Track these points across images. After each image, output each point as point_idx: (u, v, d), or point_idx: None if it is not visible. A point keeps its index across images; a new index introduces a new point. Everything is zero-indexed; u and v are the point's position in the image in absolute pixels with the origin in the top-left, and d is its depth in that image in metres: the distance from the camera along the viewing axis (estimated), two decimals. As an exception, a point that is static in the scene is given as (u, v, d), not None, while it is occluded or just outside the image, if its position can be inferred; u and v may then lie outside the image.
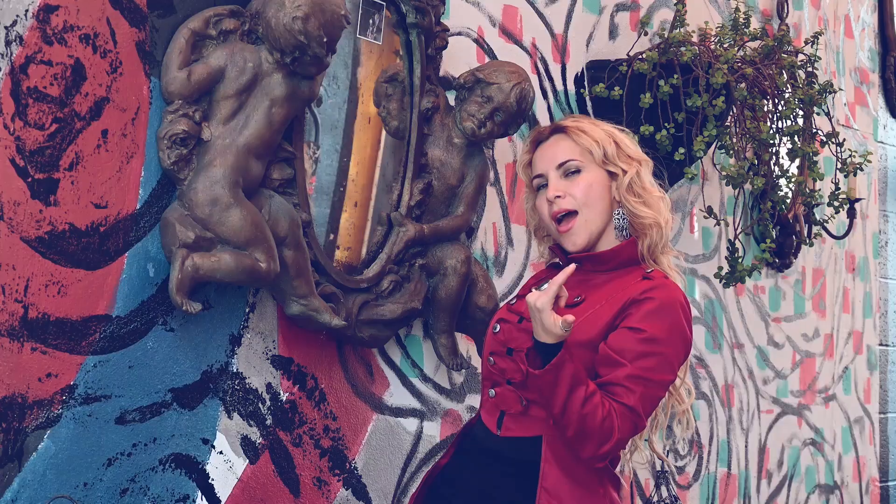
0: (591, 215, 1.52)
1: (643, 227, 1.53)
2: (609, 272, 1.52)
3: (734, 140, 2.37)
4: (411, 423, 2.02)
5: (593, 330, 1.46)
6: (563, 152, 1.55)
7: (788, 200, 2.74)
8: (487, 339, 1.56)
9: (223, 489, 1.72)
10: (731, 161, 2.43)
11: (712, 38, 2.41)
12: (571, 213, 1.53)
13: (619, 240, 1.54)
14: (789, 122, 2.42)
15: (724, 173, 2.40)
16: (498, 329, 1.54)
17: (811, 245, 2.77)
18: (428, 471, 1.62)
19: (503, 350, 1.52)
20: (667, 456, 2.52)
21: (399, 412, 1.99)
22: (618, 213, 1.54)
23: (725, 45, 2.39)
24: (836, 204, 2.49)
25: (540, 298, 1.39)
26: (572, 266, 1.42)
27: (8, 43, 1.48)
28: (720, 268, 2.52)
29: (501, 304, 1.75)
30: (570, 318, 1.38)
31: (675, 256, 1.57)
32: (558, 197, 1.52)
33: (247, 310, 1.76)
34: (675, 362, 1.47)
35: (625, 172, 1.53)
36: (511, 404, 1.50)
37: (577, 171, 1.54)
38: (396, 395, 1.99)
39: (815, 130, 2.49)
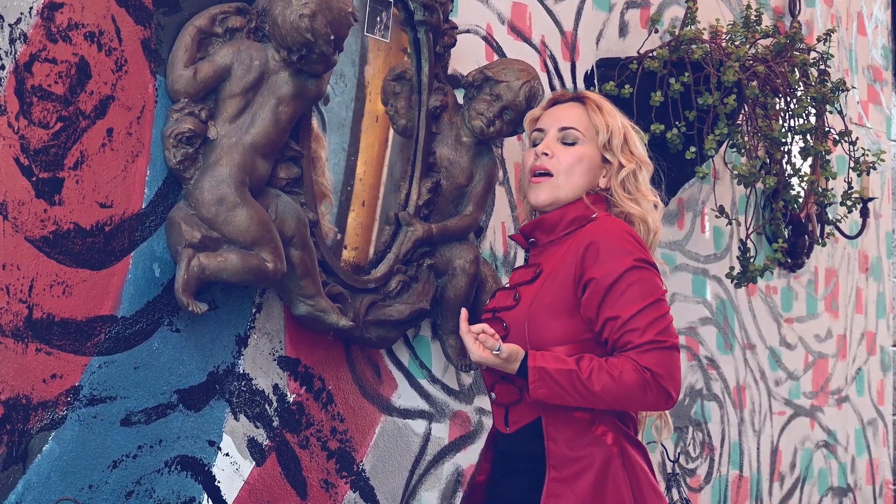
0: (564, 183, 1.52)
1: (629, 220, 1.54)
2: (564, 238, 1.52)
3: (746, 139, 2.35)
4: (420, 425, 2.00)
5: (557, 293, 1.46)
6: (571, 118, 1.55)
7: (801, 200, 2.72)
8: None
9: (229, 491, 1.71)
10: (743, 160, 2.41)
11: (724, 36, 2.39)
12: (548, 174, 1.53)
13: None
14: (802, 121, 2.40)
15: (735, 172, 2.38)
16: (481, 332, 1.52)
17: (824, 245, 2.75)
18: (466, 491, 1.62)
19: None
20: (678, 458, 2.50)
21: (407, 413, 1.98)
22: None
23: (737, 43, 2.37)
24: (848, 203, 2.47)
25: (472, 353, 1.44)
26: (464, 312, 1.47)
27: (12, 41, 1.47)
28: (732, 268, 2.50)
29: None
30: (492, 342, 1.42)
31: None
32: (545, 154, 1.53)
33: (253, 310, 1.75)
34: (650, 279, 1.43)
35: (622, 166, 1.53)
36: (509, 396, 1.51)
37: (574, 143, 1.54)
38: (404, 396, 1.97)
39: (827, 129, 2.47)
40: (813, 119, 2.44)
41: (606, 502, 1.41)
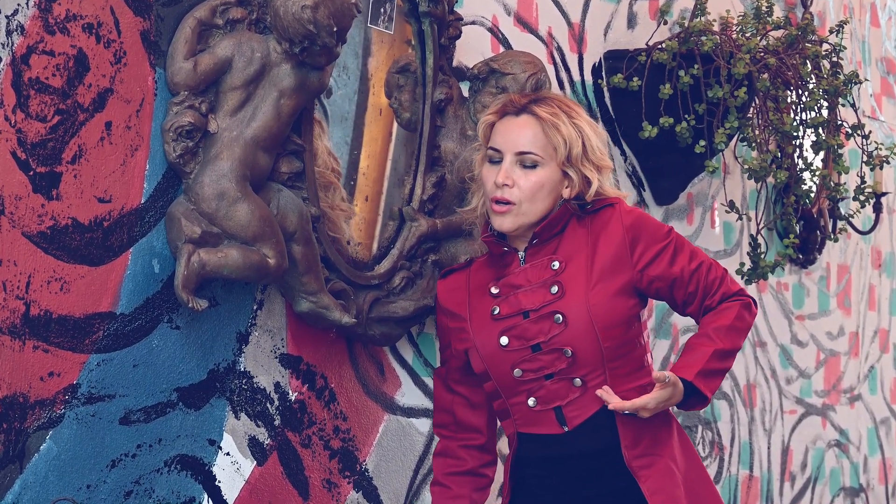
0: (529, 209, 1.53)
1: None
2: (557, 234, 1.56)
3: (756, 132, 2.33)
4: (424, 424, 1.98)
5: (611, 275, 1.52)
6: (527, 142, 1.53)
7: (812, 194, 2.68)
8: (495, 360, 1.52)
9: (230, 491, 1.69)
10: (754, 154, 2.39)
11: (734, 27, 2.37)
12: (509, 204, 1.53)
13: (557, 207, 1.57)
14: (813, 114, 2.38)
15: (746, 166, 2.36)
16: (507, 341, 1.51)
17: (836, 240, 2.72)
18: None
19: (528, 352, 1.51)
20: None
21: (411, 412, 1.96)
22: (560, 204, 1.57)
23: (748, 35, 2.35)
24: (861, 198, 2.45)
25: (646, 409, 1.47)
26: (607, 389, 1.50)
27: (9, 33, 1.45)
28: (742, 264, 2.48)
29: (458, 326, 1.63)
30: (664, 375, 1.48)
31: None
32: (506, 185, 1.53)
33: (254, 307, 1.73)
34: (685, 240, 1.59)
35: (585, 179, 1.54)
36: (565, 394, 1.50)
37: (534, 167, 1.54)
38: (408, 394, 1.95)
39: (840, 122, 2.45)
40: (825, 112, 2.42)
41: (694, 464, 1.54)
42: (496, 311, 1.53)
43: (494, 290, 1.55)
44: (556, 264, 1.53)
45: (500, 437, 1.72)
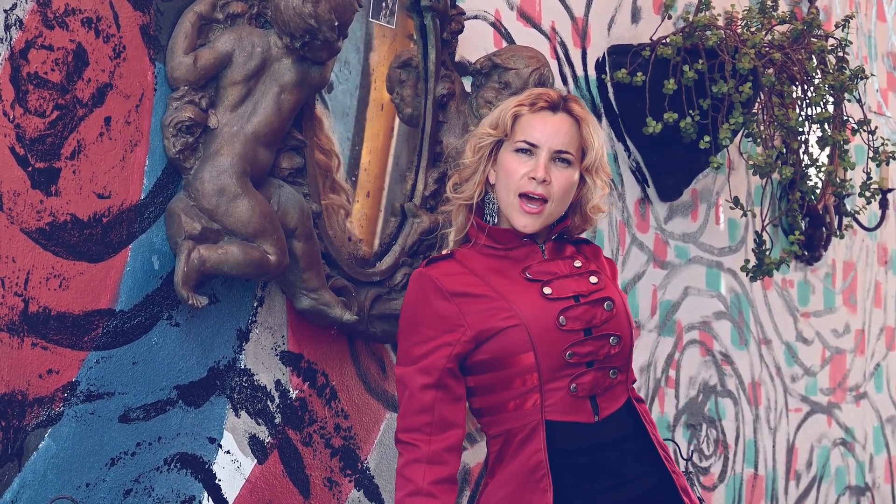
0: (554, 210, 1.53)
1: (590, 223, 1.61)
2: (569, 241, 1.59)
3: (761, 128, 2.31)
4: (426, 422, 1.97)
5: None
6: (565, 139, 1.53)
7: (818, 191, 2.67)
8: (548, 339, 1.48)
9: (230, 490, 1.68)
10: (759, 150, 2.37)
11: (739, 22, 2.35)
12: (543, 202, 1.52)
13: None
14: (819, 110, 2.36)
15: (751, 162, 2.34)
16: (566, 321, 1.49)
17: (842, 237, 2.70)
18: None
19: (580, 336, 1.49)
20: (691, 457, 2.47)
21: (413, 410, 1.94)
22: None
23: (752, 29, 2.33)
24: (867, 194, 2.43)
25: None
26: None
27: (7, 27, 1.44)
28: (747, 261, 2.46)
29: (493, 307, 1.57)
30: None
31: None
32: (545, 181, 1.51)
33: (255, 304, 1.72)
34: None
35: (597, 187, 1.55)
36: (602, 383, 1.50)
37: (567, 166, 1.53)
38: (411, 392, 1.94)
39: (845, 118, 2.43)
40: (831, 108, 2.40)
41: None
42: (548, 292, 1.51)
43: (529, 275, 1.52)
44: (579, 263, 1.54)
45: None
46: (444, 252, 1.60)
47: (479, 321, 1.50)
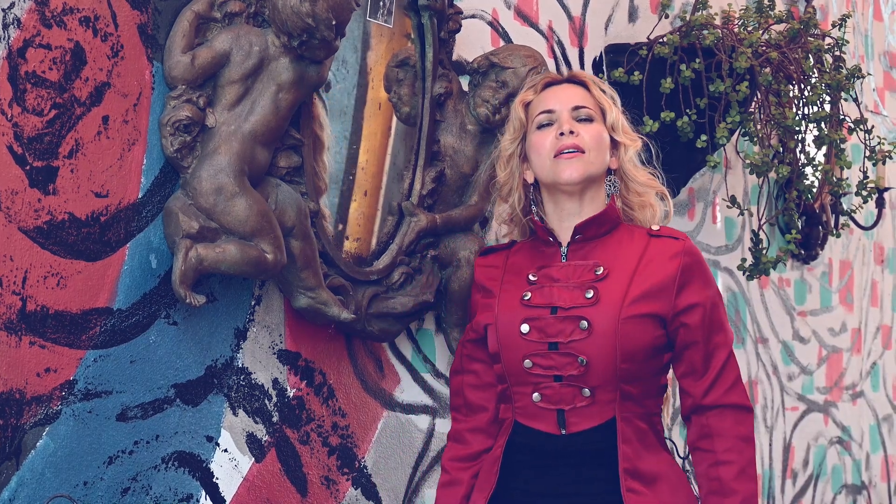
0: (595, 158, 1.52)
1: (641, 205, 1.55)
2: (602, 235, 1.53)
3: (758, 127, 2.31)
4: (423, 420, 1.97)
5: (651, 300, 1.48)
6: (581, 98, 1.54)
7: (815, 189, 2.67)
8: (510, 344, 1.50)
9: (228, 488, 1.68)
10: (756, 149, 2.38)
11: (736, 21, 2.35)
12: (579, 151, 1.51)
13: (604, 203, 1.54)
14: (816, 109, 2.37)
15: (747, 161, 2.34)
16: (528, 329, 1.49)
17: (838, 236, 2.71)
18: None
19: (544, 348, 1.48)
20: (687, 456, 2.47)
21: (410, 409, 1.95)
22: (610, 180, 1.54)
23: (749, 28, 2.33)
24: (864, 193, 2.44)
25: None
26: None
27: (5, 26, 1.44)
28: (744, 259, 2.47)
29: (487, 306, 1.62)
30: None
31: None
32: (572, 132, 1.50)
33: (252, 303, 1.72)
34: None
35: (626, 147, 1.54)
36: (571, 400, 1.47)
37: (590, 120, 1.53)
38: (407, 391, 1.94)
39: (842, 117, 2.44)
40: (827, 107, 2.40)
41: None
42: (527, 297, 1.51)
43: (532, 277, 1.53)
44: (601, 269, 1.51)
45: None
46: (507, 241, 1.67)
47: (481, 314, 1.57)
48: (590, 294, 1.48)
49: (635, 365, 1.47)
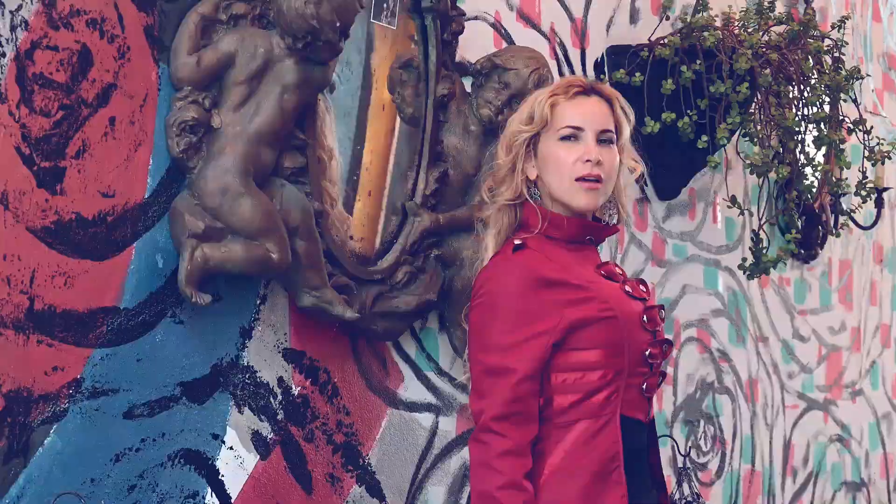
0: (608, 189, 1.53)
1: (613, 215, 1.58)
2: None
3: (758, 127, 2.32)
4: (426, 419, 1.98)
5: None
6: (607, 120, 1.53)
7: (814, 190, 2.68)
8: (635, 335, 1.47)
9: (233, 485, 1.69)
10: (756, 149, 2.38)
11: (736, 23, 2.36)
12: (599, 182, 1.52)
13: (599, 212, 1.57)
14: (815, 109, 2.38)
15: (748, 162, 2.35)
16: (647, 320, 1.50)
17: (838, 236, 2.72)
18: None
19: (652, 337, 1.49)
20: (689, 453, 2.48)
21: (414, 407, 1.96)
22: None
23: (750, 30, 2.35)
24: (863, 193, 2.45)
25: None
26: None
27: (13, 28, 1.45)
28: (744, 259, 2.47)
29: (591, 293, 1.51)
30: None
31: None
32: (599, 163, 1.51)
33: (258, 302, 1.73)
34: None
35: (631, 170, 1.55)
36: (655, 386, 1.51)
37: (609, 142, 1.53)
38: (411, 389, 1.95)
39: (841, 118, 2.45)
40: (827, 108, 2.41)
41: None
42: (629, 290, 1.51)
43: (602, 272, 1.52)
44: (619, 270, 1.56)
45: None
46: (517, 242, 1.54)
47: (574, 311, 1.46)
48: (642, 287, 1.54)
49: None
